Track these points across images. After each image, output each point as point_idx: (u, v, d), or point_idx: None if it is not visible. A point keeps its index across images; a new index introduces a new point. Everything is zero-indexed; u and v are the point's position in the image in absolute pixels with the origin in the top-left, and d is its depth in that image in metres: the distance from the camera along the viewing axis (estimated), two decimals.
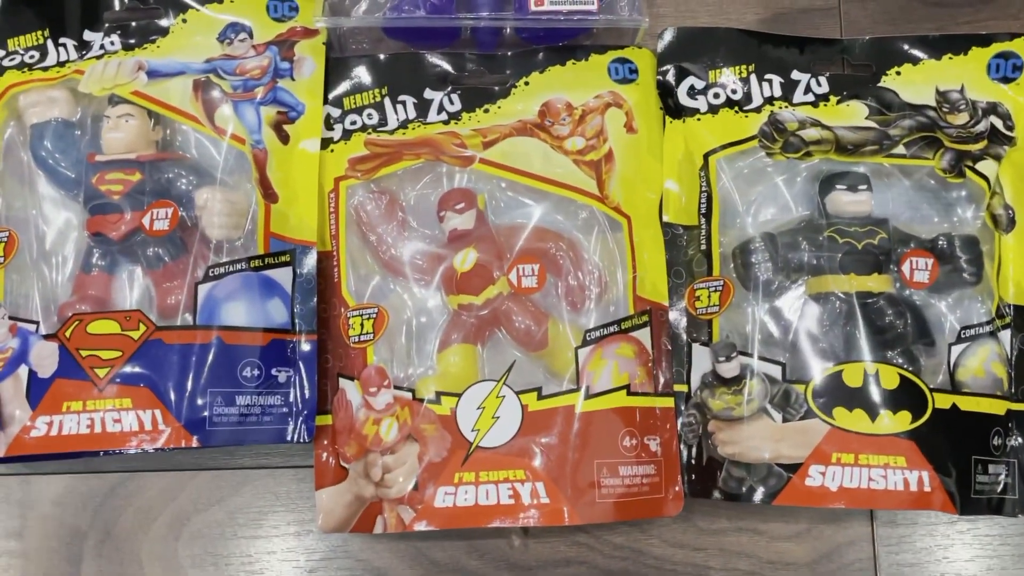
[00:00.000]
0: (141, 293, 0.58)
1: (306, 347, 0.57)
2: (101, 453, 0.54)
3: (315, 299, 0.58)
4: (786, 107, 0.61)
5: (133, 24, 0.61)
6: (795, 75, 0.62)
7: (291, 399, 0.57)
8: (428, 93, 0.62)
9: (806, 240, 0.58)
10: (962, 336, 0.58)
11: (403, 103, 0.62)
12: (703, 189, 0.60)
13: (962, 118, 0.60)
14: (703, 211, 0.60)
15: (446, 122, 0.62)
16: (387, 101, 0.62)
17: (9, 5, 0.62)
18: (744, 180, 0.61)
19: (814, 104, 0.61)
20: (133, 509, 0.60)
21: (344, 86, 0.62)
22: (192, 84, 0.59)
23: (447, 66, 0.62)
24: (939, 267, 0.58)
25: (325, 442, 0.57)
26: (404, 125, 0.62)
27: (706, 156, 0.60)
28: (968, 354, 0.57)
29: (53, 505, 0.60)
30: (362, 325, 0.58)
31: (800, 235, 0.59)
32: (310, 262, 0.58)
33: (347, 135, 0.61)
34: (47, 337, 0.55)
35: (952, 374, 0.57)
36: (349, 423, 0.57)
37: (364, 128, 0.61)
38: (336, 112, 0.62)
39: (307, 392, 0.57)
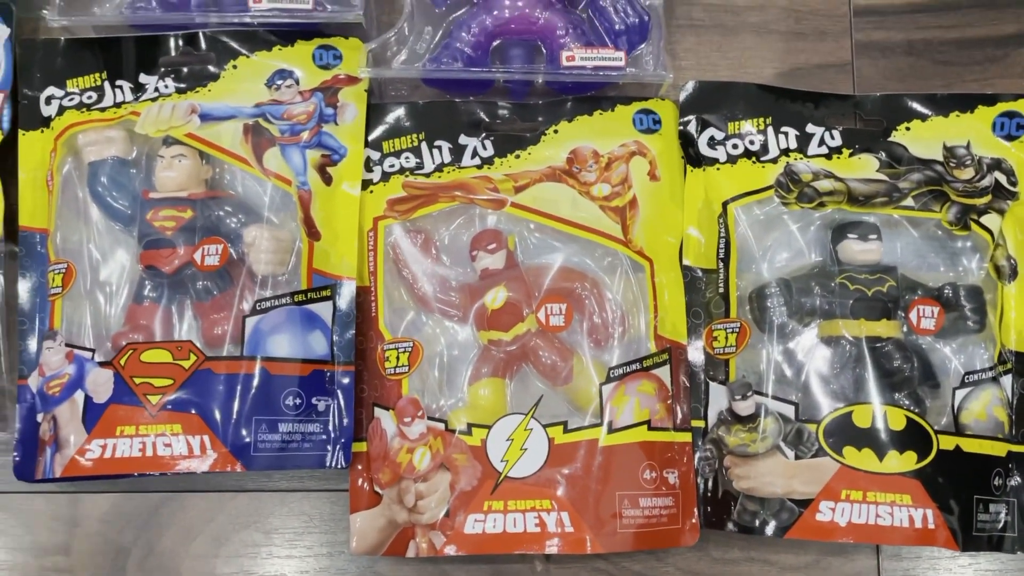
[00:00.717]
0: (189, 324, 0.61)
1: (344, 378, 0.61)
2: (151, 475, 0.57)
3: (353, 332, 0.61)
4: (801, 159, 0.65)
5: (186, 69, 0.65)
6: (810, 128, 0.65)
7: (330, 427, 0.60)
8: (463, 139, 0.66)
9: (819, 286, 0.62)
10: (966, 381, 0.61)
11: (439, 148, 0.66)
12: (722, 235, 0.64)
13: (968, 173, 0.63)
14: (721, 256, 0.63)
15: (479, 166, 0.65)
16: (424, 146, 0.65)
17: (69, 48, 0.66)
18: (760, 227, 0.64)
19: (828, 156, 0.65)
20: (175, 528, 0.63)
21: (384, 130, 0.65)
22: (242, 128, 0.63)
23: (481, 113, 0.66)
24: (945, 315, 0.61)
25: (359, 467, 0.61)
26: (440, 168, 0.65)
27: (725, 204, 0.64)
28: (971, 398, 0.60)
29: (99, 522, 0.63)
30: (398, 358, 0.61)
31: (813, 281, 0.62)
32: (349, 297, 0.62)
33: (386, 177, 0.65)
34: (102, 364, 0.59)
35: (956, 417, 0.60)
36: (383, 451, 0.60)
37: (402, 171, 0.65)
38: (376, 155, 0.65)
39: (345, 420, 0.60)
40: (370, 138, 0.65)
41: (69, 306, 0.61)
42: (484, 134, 0.65)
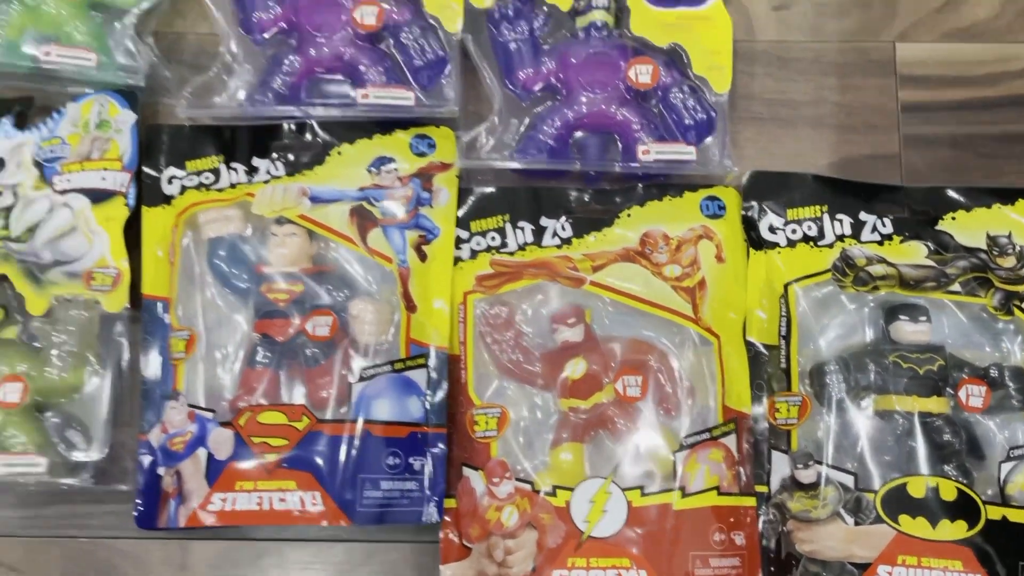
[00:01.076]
0: (298, 388, 0.67)
1: (437, 439, 0.66)
2: None
3: (445, 397, 0.67)
4: (855, 244, 0.70)
5: (294, 155, 0.72)
6: (863, 216, 0.71)
7: (424, 484, 0.65)
8: (544, 220, 0.72)
9: (873, 363, 0.67)
10: (1011, 455, 0.66)
11: (522, 228, 0.72)
12: (783, 314, 0.69)
13: (1010, 261, 0.69)
14: (783, 333, 0.69)
15: (559, 246, 0.71)
16: (508, 226, 0.72)
17: (190, 133, 0.72)
18: (819, 307, 0.70)
19: (880, 243, 0.71)
20: (277, 574, 0.69)
21: (472, 212, 0.72)
22: (349, 210, 0.70)
23: (560, 198, 0.72)
24: (991, 393, 0.66)
25: (448, 520, 0.66)
26: (522, 247, 0.71)
27: (786, 285, 0.70)
28: (1016, 471, 0.65)
29: (208, 568, 0.69)
30: (487, 422, 0.67)
31: (868, 358, 0.67)
32: (442, 365, 0.68)
33: (473, 254, 0.71)
34: (223, 424, 0.65)
35: (1002, 489, 0.65)
36: (473, 508, 0.65)
37: (488, 249, 0.71)
38: (465, 234, 0.72)
39: (438, 479, 0.66)
40: (459, 217, 0.72)
41: (190, 369, 0.68)
42: (563, 216, 0.72)
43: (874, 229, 0.71)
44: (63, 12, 0.72)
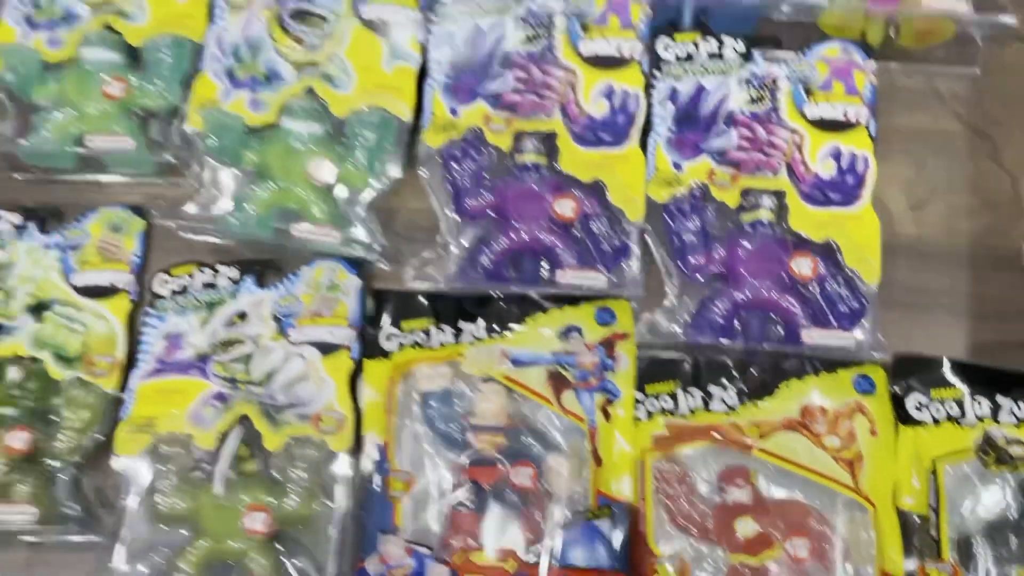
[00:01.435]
0: (500, 531, 0.76)
1: None
2: None
3: (628, 546, 0.76)
4: (995, 426, 0.78)
5: (495, 322, 0.83)
6: (999, 399, 0.80)
7: None
8: (711, 388, 0.82)
9: (1016, 537, 0.74)
10: None
11: (691, 394, 0.82)
12: (932, 486, 0.77)
13: None
14: (932, 505, 0.77)
15: (726, 412, 0.81)
16: (679, 391, 0.82)
17: (407, 299, 0.84)
18: (965, 482, 0.77)
19: (1017, 425, 0.79)
20: None
21: (648, 377, 0.82)
22: (545, 373, 0.81)
23: (726, 369, 0.82)
24: None
25: None
26: (693, 411, 0.81)
27: (933, 460, 0.78)
28: None
29: None
30: (667, 573, 0.75)
31: (1011, 532, 0.75)
32: (625, 516, 0.76)
33: (649, 415, 0.81)
34: (439, 561, 0.74)
35: None
36: None
37: (662, 411, 0.81)
38: (641, 397, 0.82)
39: None
40: (636, 380, 0.82)
41: (406, 507, 0.77)
42: (728, 385, 0.81)
43: (1011, 412, 0.79)
44: (311, 195, 0.86)
